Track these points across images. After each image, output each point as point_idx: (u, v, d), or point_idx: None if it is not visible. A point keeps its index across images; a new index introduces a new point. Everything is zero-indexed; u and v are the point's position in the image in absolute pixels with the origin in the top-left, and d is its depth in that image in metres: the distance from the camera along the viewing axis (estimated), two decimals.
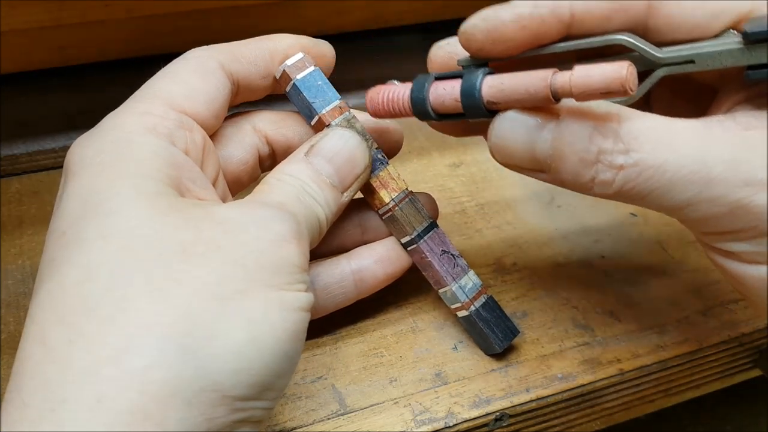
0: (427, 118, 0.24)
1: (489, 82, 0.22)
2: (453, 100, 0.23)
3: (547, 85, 0.21)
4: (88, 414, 0.17)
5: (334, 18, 0.41)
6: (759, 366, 0.33)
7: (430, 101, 0.24)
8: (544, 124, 0.22)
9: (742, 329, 0.31)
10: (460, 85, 0.23)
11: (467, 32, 0.23)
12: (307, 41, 0.27)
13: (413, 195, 0.27)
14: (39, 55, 0.36)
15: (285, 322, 0.20)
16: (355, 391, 0.27)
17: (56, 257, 0.19)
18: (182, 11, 0.36)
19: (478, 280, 0.28)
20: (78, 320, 0.18)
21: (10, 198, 0.35)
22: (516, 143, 0.22)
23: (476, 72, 0.23)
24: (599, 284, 0.32)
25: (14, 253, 0.32)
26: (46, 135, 0.37)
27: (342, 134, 0.25)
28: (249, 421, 0.19)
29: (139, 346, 0.18)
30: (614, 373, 0.28)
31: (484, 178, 0.38)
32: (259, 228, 0.21)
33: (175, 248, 0.19)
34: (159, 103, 0.23)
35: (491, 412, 0.27)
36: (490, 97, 0.22)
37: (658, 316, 0.31)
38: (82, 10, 0.33)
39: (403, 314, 0.30)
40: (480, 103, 0.22)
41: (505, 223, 0.36)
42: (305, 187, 0.24)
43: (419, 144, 0.40)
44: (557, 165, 0.22)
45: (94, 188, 0.20)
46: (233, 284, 0.19)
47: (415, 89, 0.24)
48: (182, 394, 0.17)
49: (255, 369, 0.19)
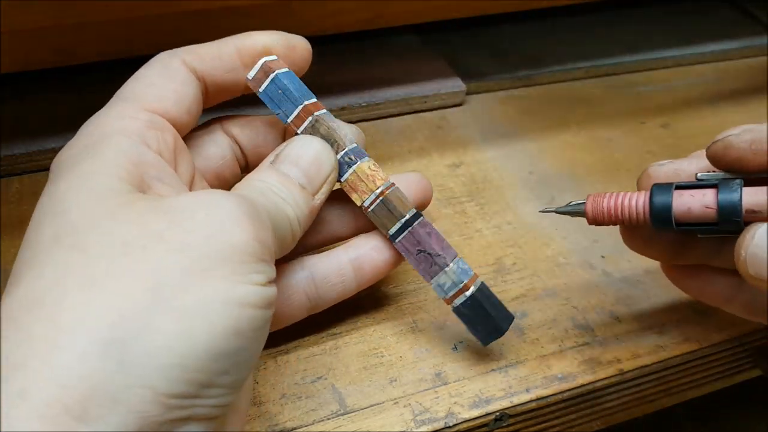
0: (663, 227, 0.25)
1: (751, 192, 0.23)
2: (703, 208, 0.24)
3: None
4: (10, 407, 0.17)
5: (332, 18, 0.41)
6: (759, 366, 0.33)
7: (675, 208, 0.24)
8: None
9: (742, 329, 0.31)
10: (716, 192, 0.24)
11: (729, 141, 0.24)
12: (276, 36, 0.27)
13: (386, 194, 0.27)
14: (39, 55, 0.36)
15: (225, 318, 0.19)
16: (355, 391, 0.27)
17: (20, 260, 0.20)
18: (182, 11, 0.36)
19: (458, 278, 0.26)
20: (20, 317, 0.18)
21: (10, 198, 0.35)
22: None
23: (733, 181, 0.24)
24: (599, 284, 0.32)
25: (14, 253, 0.32)
26: (46, 135, 0.37)
27: (303, 140, 0.26)
28: (193, 419, 0.18)
29: (66, 340, 0.17)
30: (614, 373, 0.28)
31: (484, 178, 0.38)
32: (208, 213, 0.20)
33: (118, 244, 0.19)
34: (130, 105, 0.24)
35: (491, 412, 0.27)
36: (754, 205, 0.23)
37: (658, 316, 0.31)
38: (82, 10, 0.33)
39: (403, 314, 0.30)
40: (740, 211, 0.23)
41: (505, 223, 0.36)
42: (272, 188, 0.24)
43: (419, 144, 0.40)
44: None
45: (56, 191, 0.21)
46: (172, 275, 0.18)
47: (656, 195, 0.25)
48: (105, 389, 0.17)
49: (188, 365, 0.18)
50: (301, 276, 0.27)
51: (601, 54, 0.49)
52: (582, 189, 0.38)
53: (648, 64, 0.49)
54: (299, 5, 0.39)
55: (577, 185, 0.38)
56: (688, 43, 0.51)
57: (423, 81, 0.43)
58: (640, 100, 0.46)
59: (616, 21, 0.53)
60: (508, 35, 0.50)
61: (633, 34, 0.52)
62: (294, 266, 0.27)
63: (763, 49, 0.52)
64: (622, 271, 0.33)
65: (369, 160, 0.27)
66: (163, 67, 0.25)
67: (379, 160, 0.28)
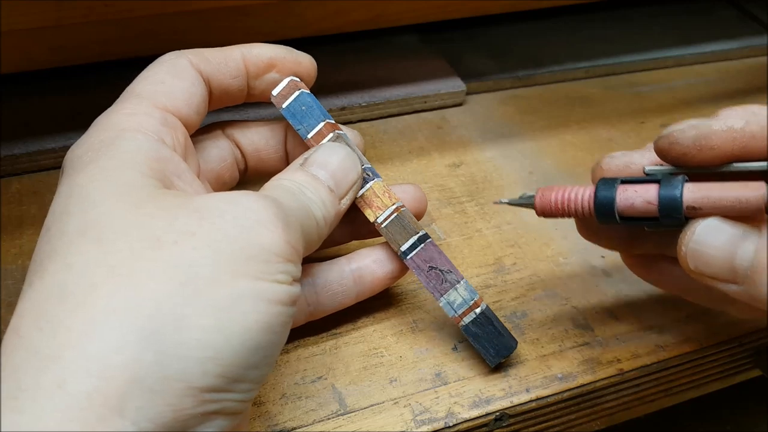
0: (607, 221, 0.25)
1: (691, 188, 0.23)
2: (645, 203, 0.24)
3: (761, 195, 0.21)
4: (47, 399, 0.17)
5: (333, 18, 0.41)
6: (759, 366, 0.33)
7: (618, 203, 0.24)
8: (747, 234, 0.22)
9: (742, 329, 0.31)
10: (658, 188, 0.24)
11: (674, 137, 0.24)
12: (283, 50, 0.27)
13: (401, 210, 0.27)
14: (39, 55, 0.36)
15: (257, 313, 0.19)
16: (355, 391, 0.27)
17: (41, 252, 0.20)
18: (182, 11, 0.36)
19: (469, 295, 0.27)
20: (49, 309, 0.18)
21: (10, 198, 0.35)
22: (716, 250, 0.23)
23: (676, 178, 0.24)
24: (599, 284, 0.32)
25: (14, 253, 0.32)
26: (46, 135, 0.37)
27: (331, 146, 0.26)
28: (222, 413, 0.19)
29: (102, 331, 0.17)
30: (614, 373, 0.28)
31: (484, 178, 0.38)
32: (238, 213, 0.20)
33: (148, 237, 0.19)
34: (143, 102, 0.24)
35: (491, 412, 0.27)
36: (693, 202, 0.23)
37: (658, 316, 0.31)
38: (82, 10, 0.33)
39: (403, 314, 0.30)
40: (680, 207, 0.23)
41: (505, 223, 0.36)
42: (301, 188, 0.24)
43: (419, 144, 0.40)
44: (755, 277, 0.22)
45: (77, 184, 0.21)
46: (204, 271, 0.19)
47: (600, 190, 0.25)
48: (144, 380, 0.17)
49: (222, 359, 0.18)
50: (303, 282, 0.27)
51: (601, 54, 0.49)
52: None
53: (648, 64, 0.49)
54: (299, 5, 0.39)
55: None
56: (688, 43, 0.51)
57: (423, 81, 0.43)
58: (640, 100, 0.46)
59: (616, 21, 0.53)
60: (508, 35, 0.50)
61: (633, 34, 0.52)
62: None
63: (763, 49, 0.52)
64: (622, 271, 0.33)
65: (382, 180, 0.28)
66: (172, 66, 0.25)
67: (379, 160, 0.28)
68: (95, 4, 0.33)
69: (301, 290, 0.27)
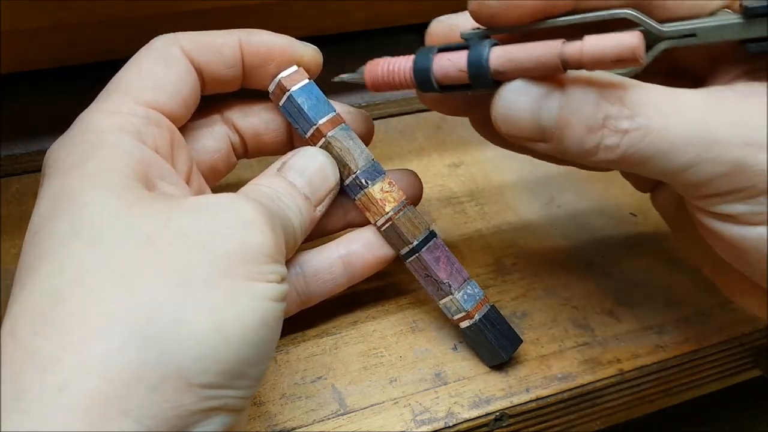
0: (428, 90, 0.24)
1: (497, 51, 0.23)
2: (458, 71, 0.23)
3: (557, 53, 0.21)
4: (50, 401, 0.17)
5: (334, 18, 0.41)
6: (759, 366, 0.33)
7: (434, 72, 0.24)
8: (550, 93, 0.22)
9: (742, 329, 0.31)
10: (467, 55, 0.23)
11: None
12: (282, 41, 0.27)
13: (395, 220, 0.27)
14: (39, 55, 0.36)
15: (253, 312, 0.20)
16: (355, 391, 0.27)
17: (30, 254, 0.20)
18: (182, 11, 0.36)
19: (463, 306, 0.27)
20: (45, 311, 0.18)
21: (10, 198, 0.35)
22: (522, 112, 0.22)
23: (483, 42, 0.23)
24: (599, 284, 0.32)
25: (14, 253, 0.32)
26: (46, 135, 0.37)
27: (309, 152, 0.26)
28: (223, 409, 0.19)
29: (102, 333, 0.18)
30: (614, 373, 0.29)
31: (484, 178, 0.38)
32: (229, 215, 0.21)
33: (141, 238, 0.19)
34: (126, 100, 0.23)
35: (491, 412, 0.27)
36: (498, 66, 0.22)
37: (658, 316, 0.31)
38: (82, 10, 0.33)
39: (403, 314, 0.30)
40: (487, 72, 0.23)
41: (505, 223, 0.36)
42: (279, 195, 0.24)
43: (419, 144, 0.40)
44: (562, 133, 0.22)
45: (64, 186, 0.21)
46: (199, 271, 0.19)
47: (418, 60, 0.24)
48: (145, 380, 0.17)
49: (221, 357, 0.19)
50: (292, 272, 0.27)
51: None
52: (582, 188, 0.38)
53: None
54: (299, 5, 0.39)
55: (577, 185, 0.38)
56: None
57: None
58: None
59: None
60: None
61: None
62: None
63: None
64: (622, 271, 0.33)
65: (383, 180, 0.27)
66: (160, 56, 0.25)
67: (379, 160, 0.28)
68: (95, 4, 0.33)
69: (290, 280, 0.27)
